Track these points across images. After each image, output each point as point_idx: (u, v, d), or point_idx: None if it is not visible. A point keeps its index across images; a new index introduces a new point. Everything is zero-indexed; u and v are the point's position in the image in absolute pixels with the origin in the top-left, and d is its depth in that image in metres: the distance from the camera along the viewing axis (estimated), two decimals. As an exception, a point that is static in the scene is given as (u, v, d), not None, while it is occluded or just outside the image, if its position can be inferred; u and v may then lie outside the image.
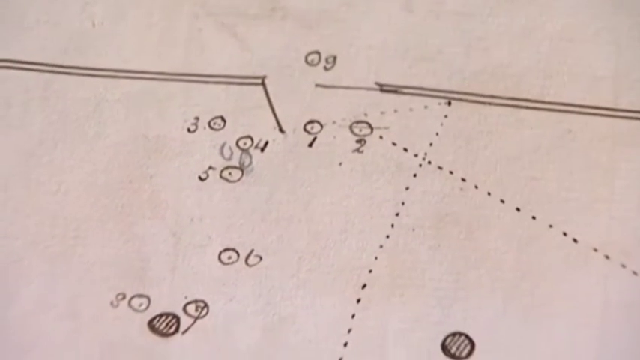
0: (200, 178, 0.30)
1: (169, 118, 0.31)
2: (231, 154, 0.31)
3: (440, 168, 0.30)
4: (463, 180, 0.30)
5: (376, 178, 0.30)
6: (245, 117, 0.31)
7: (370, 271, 0.29)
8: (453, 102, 0.30)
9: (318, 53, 0.31)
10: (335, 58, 0.31)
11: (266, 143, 0.31)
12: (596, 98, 0.30)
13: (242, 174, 0.30)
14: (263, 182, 0.30)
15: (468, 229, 0.29)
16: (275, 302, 0.29)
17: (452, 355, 0.29)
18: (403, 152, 0.30)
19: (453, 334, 0.29)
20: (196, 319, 0.29)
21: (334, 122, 0.30)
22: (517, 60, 0.30)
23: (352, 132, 0.30)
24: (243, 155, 0.31)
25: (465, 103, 0.30)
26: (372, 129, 0.30)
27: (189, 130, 0.31)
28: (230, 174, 0.30)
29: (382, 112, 0.30)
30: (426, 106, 0.30)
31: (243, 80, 0.31)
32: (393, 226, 0.30)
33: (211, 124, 0.31)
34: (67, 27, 0.32)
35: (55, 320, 0.29)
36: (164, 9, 0.32)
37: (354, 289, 0.29)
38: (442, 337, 0.29)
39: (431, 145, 0.30)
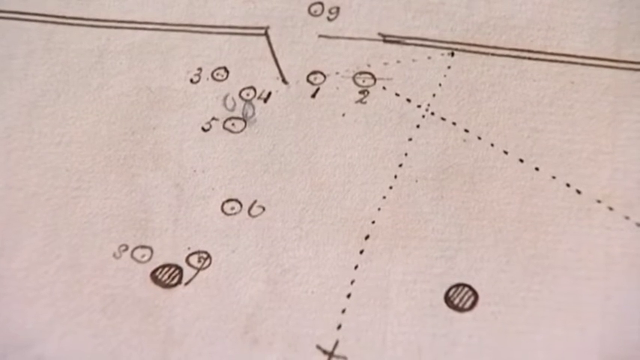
0: (203, 129, 0.30)
1: (172, 69, 0.31)
2: (234, 104, 0.31)
3: (443, 119, 0.30)
4: (466, 131, 0.30)
5: (379, 129, 0.30)
6: (248, 68, 0.31)
7: (373, 222, 0.29)
8: (456, 53, 0.30)
9: (321, 4, 0.31)
10: (338, 8, 0.31)
11: (269, 94, 0.31)
12: (599, 50, 0.30)
13: (245, 125, 0.30)
14: (266, 133, 0.30)
15: (470, 180, 0.29)
16: (278, 254, 0.29)
17: (455, 307, 0.28)
18: (406, 103, 0.30)
19: (457, 286, 0.29)
20: (199, 270, 0.29)
21: (337, 73, 0.30)
22: (520, 12, 0.31)
23: (355, 83, 0.30)
24: (247, 106, 0.31)
25: (468, 54, 0.30)
26: (375, 80, 0.30)
27: (192, 80, 0.31)
28: (233, 125, 0.30)
29: (385, 63, 0.30)
30: (429, 57, 0.30)
31: (246, 31, 0.31)
32: (396, 177, 0.30)
33: (214, 74, 0.31)
34: (69, -23, 0.32)
35: (57, 272, 0.29)
36: (167, -40, 0.32)
37: (357, 241, 0.29)
38: (445, 289, 0.29)
39: (434, 96, 0.30)
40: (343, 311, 0.29)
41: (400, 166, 0.30)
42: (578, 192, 0.29)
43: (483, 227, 0.29)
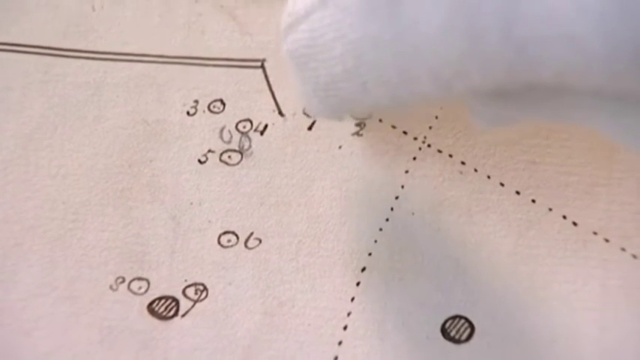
0: (200, 162, 0.30)
1: (169, 102, 0.31)
2: (231, 137, 0.31)
3: (439, 151, 0.30)
4: (462, 163, 0.30)
5: (376, 161, 0.30)
6: (245, 100, 0.31)
7: (370, 254, 0.29)
8: (452, 86, 0.30)
9: (318, 37, 0.31)
10: (334, 42, 0.31)
11: (265, 126, 0.31)
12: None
13: (241, 157, 0.30)
14: (262, 166, 0.30)
15: (467, 212, 0.29)
16: (274, 286, 0.29)
17: (451, 339, 0.28)
18: (403, 135, 0.30)
19: (453, 318, 0.29)
20: (196, 302, 0.29)
21: (333, 106, 0.30)
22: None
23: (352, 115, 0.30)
24: (243, 138, 0.31)
25: (464, 87, 0.30)
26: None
27: (188, 113, 0.31)
28: (229, 157, 0.31)
29: (381, 96, 0.30)
30: (425, 90, 0.30)
31: (242, 63, 0.31)
32: (392, 209, 0.30)
33: (211, 107, 0.31)
34: (66, 10, 0.32)
35: (55, 303, 0.29)
36: (164, -8, 0.32)
37: (354, 273, 0.29)
38: (442, 321, 0.29)
39: (430, 128, 0.30)
40: (340, 343, 0.29)
41: (397, 198, 0.30)
42: (575, 224, 0.29)
43: (480, 259, 0.29)
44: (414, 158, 0.30)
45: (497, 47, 0.19)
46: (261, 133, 0.31)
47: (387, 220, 0.30)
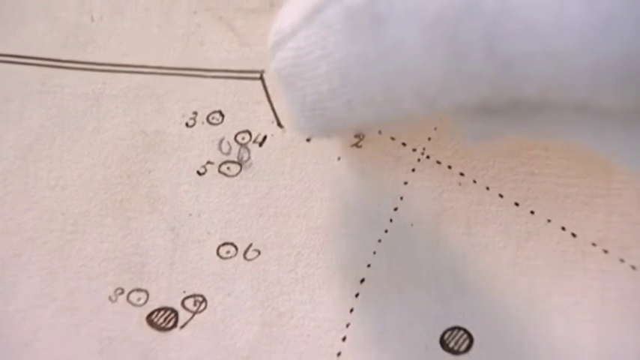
0: (198, 173, 0.30)
1: (168, 113, 0.31)
2: (230, 148, 0.31)
3: (438, 163, 0.30)
4: (461, 174, 0.30)
5: (375, 172, 0.30)
6: (243, 111, 0.31)
7: (369, 265, 0.29)
8: (451, 97, 0.30)
9: (317, 48, 0.31)
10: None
11: (264, 138, 0.31)
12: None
13: (240, 169, 0.30)
14: (261, 177, 0.30)
15: (466, 224, 0.29)
16: (273, 297, 0.29)
17: (450, 350, 0.29)
18: (402, 147, 0.30)
19: (452, 329, 0.29)
20: (195, 313, 0.29)
21: (333, 117, 0.30)
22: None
23: (351, 126, 0.30)
24: (242, 150, 0.31)
25: (463, 98, 0.30)
26: (370, 123, 0.30)
27: (187, 124, 0.31)
28: (228, 168, 0.31)
29: (380, 107, 0.30)
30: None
31: (241, 75, 0.31)
32: (391, 220, 0.30)
33: (210, 118, 0.31)
34: (65, 21, 0.32)
35: (54, 315, 0.29)
36: (163, 4, 0.32)
37: (353, 284, 0.29)
38: (440, 332, 0.29)
39: (429, 139, 0.30)
40: (339, 354, 0.29)
41: (395, 209, 0.30)
42: (574, 235, 0.29)
43: (479, 271, 0.29)
44: (413, 170, 0.30)
45: (480, 65, 0.19)
46: (260, 144, 0.31)
47: (386, 231, 0.30)
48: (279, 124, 0.31)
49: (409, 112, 0.21)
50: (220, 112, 0.31)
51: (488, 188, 0.30)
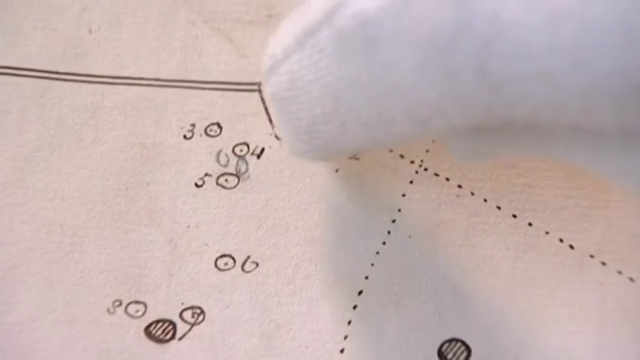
0: (196, 185, 0.30)
1: (166, 125, 0.31)
2: (228, 160, 0.31)
3: (436, 175, 0.30)
4: (459, 187, 0.30)
5: (372, 184, 0.30)
6: (241, 123, 0.31)
7: (367, 277, 0.29)
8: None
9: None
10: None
11: (262, 150, 0.31)
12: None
13: (238, 181, 0.31)
14: (259, 189, 0.30)
15: (464, 235, 0.29)
16: (271, 309, 0.29)
17: (448, 362, 0.29)
18: (400, 159, 0.30)
19: (450, 341, 0.29)
20: (193, 325, 0.29)
21: (330, 129, 0.30)
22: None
23: (349, 138, 0.30)
24: (240, 162, 0.31)
25: (461, 110, 0.30)
26: (368, 136, 0.30)
27: (185, 136, 0.31)
28: (226, 181, 0.31)
29: (378, 119, 0.30)
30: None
31: (239, 87, 0.31)
32: (389, 232, 0.30)
33: (207, 130, 0.31)
34: (63, 33, 0.32)
35: (52, 326, 0.29)
36: (161, 16, 0.32)
37: (351, 296, 0.29)
38: (438, 344, 0.29)
39: (427, 151, 0.30)
40: (337, 366, 0.29)
41: (393, 221, 0.30)
42: (571, 247, 0.29)
43: (477, 283, 0.29)
44: (411, 182, 0.30)
45: (472, 86, 0.19)
46: (258, 156, 0.31)
47: (384, 243, 0.30)
48: (277, 136, 0.31)
49: (402, 134, 0.22)
50: (218, 124, 0.31)
51: (486, 200, 0.30)
